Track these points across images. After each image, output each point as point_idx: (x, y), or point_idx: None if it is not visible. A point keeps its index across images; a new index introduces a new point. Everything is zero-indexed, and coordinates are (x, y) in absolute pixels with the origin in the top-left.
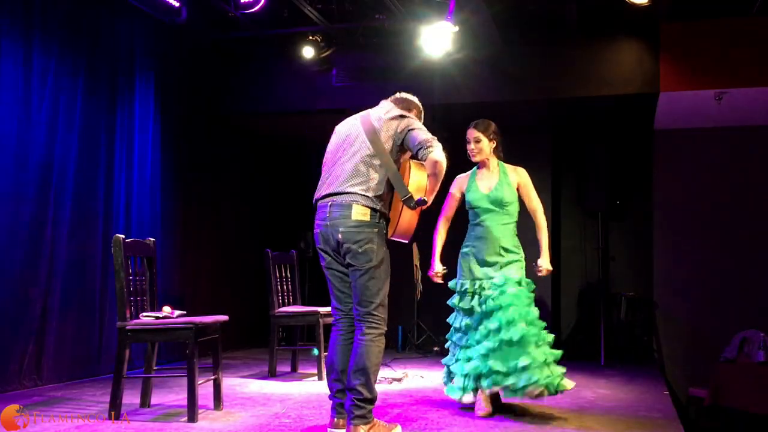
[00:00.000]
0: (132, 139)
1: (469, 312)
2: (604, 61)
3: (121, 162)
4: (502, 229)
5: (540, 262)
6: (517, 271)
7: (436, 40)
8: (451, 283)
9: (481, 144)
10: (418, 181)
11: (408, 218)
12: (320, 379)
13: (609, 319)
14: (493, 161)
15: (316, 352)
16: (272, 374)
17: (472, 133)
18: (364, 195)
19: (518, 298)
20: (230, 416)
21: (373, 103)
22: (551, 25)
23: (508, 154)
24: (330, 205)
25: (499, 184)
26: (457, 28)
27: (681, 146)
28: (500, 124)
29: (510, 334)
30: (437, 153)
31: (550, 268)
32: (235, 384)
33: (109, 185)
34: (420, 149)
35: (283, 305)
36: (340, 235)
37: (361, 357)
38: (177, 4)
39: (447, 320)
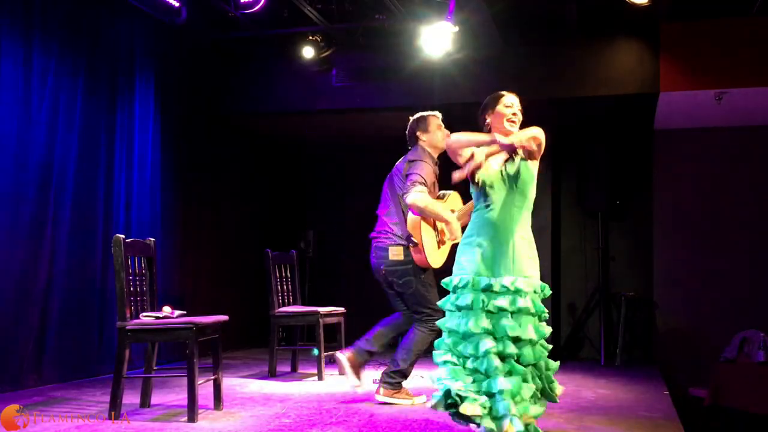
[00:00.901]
0: (132, 139)
1: (469, 308)
2: (604, 61)
3: (121, 162)
4: (516, 213)
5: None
6: (535, 269)
7: (436, 40)
8: (445, 282)
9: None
10: (412, 221)
11: (417, 258)
12: (320, 378)
13: (609, 319)
14: None
15: (316, 352)
16: (272, 374)
17: (516, 99)
18: (396, 235)
19: (532, 312)
20: (230, 416)
21: (373, 103)
22: (551, 25)
23: None
24: (374, 246)
25: (514, 160)
26: (457, 28)
27: (681, 146)
28: None
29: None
30: (409, 197)
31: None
32: (235, 384)
33: (109, 185)
34: (402, 194)
35: (283, 305)
36: (383, 271)
37: (410, 340)
38: (177, 4)
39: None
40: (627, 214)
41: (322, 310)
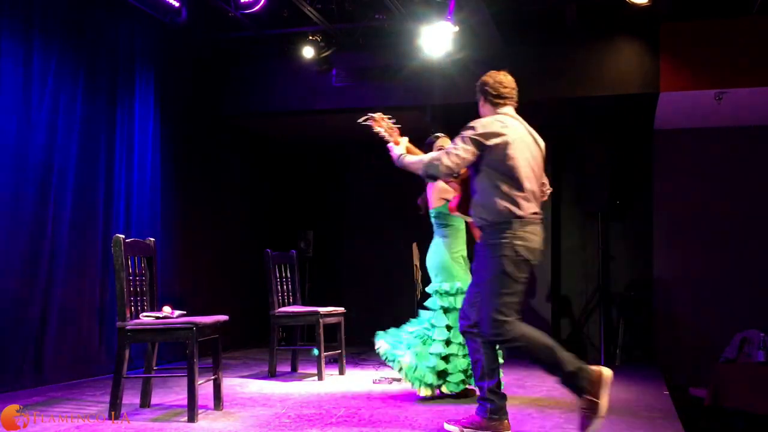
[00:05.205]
0: (132, 139)
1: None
2: (604, 61)
3: (121, 162)
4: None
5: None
6: None
7: (436, 40)
8: (449, 287)
9: None
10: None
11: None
12: (320, 378)
13: (609, 319)
14: None
15: (316, 352)
16: (272, 374)
17: None
18: None
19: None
20: (230, 416)
21: (373, 103)
22: (551, 25)
23: None
24: (541, 226)
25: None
26: (457, 28)
27: (681, 146)
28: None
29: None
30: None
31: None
32: (235, 384)
33: (109, 185)
34: None
35: (283, 305)
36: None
37: None
38: (177, 4)
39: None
40: (627, 214)
41: (322, 310)
